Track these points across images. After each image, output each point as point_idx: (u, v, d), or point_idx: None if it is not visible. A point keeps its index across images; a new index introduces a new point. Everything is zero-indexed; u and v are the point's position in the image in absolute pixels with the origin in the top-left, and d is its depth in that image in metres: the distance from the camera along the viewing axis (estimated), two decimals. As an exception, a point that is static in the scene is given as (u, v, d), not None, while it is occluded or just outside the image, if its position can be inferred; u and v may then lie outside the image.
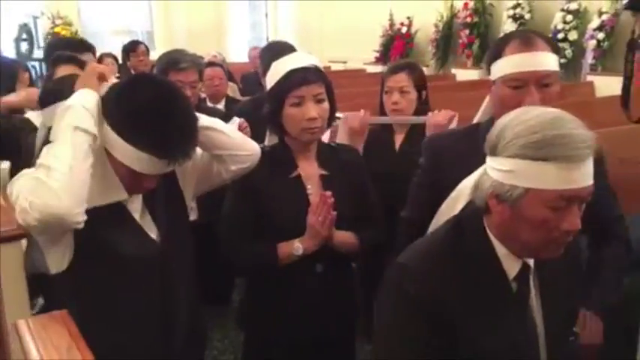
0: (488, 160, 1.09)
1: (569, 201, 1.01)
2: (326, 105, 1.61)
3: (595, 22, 5.10)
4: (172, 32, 10.00)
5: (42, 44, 8.99)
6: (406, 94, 2.27)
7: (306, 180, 1.66)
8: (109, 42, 8.82)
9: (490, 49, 1.55)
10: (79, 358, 0.80)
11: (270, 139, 1.76)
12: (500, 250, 1.10)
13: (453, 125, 2.17)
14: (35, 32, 9.07)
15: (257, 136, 1.71)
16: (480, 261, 1.10)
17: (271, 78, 1.62)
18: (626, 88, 1.68)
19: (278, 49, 2.47)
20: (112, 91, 1.29)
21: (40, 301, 1.48)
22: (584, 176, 1.00)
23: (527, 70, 1.41)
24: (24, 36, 8.88)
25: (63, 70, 2.04)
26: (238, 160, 1.50)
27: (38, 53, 8.72)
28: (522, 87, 1.41)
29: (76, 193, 1.17)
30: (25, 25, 8.92)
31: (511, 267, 1.11)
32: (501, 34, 6.37)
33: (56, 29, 8.82)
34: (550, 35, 5.78)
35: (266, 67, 2.46)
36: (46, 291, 1.42)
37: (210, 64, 3.76)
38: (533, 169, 1.00)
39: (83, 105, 1.25)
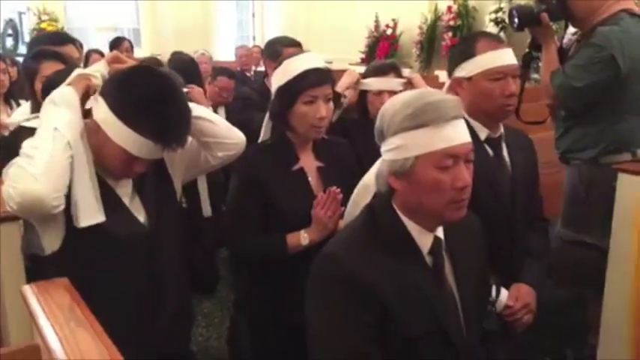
0: (382, 147, 1.22)
1: (455, 158, 1.14)
2: (331, 104, 1.70)
3: (573, 28, 5.24)
4: (159, 30, 9.98)
5: (27, 40, 8.96)
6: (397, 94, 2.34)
7: (307, 172, 1.74)
8: (95, 39, 8.81)
9: (455, 51, 1.70)
10: (80, 315, 0.88)
11: (264, 134, 1.83)
12: (412, 226, 1.21)
13: None
14: (20, 28, 9.02)
15: (248, 129, 1.78)
16: (394, 240, 1.20)
17: (283, 75, 1.67)
18: (518, 98, 1.89)
19: (286, 41, 2.58)
20: (115, 79, 1.38)
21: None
22: (459, 134, 1.15)
23: (508, 64, 1.59)
24: (9, 31, 8.82)
25: (47, 66, 2.05)
26: (225, 147, 1.58)
27: (23, 49, 8.68)
28: (502, 79, 1.57)
29: (55, 178, 1.26)
30: (11, 20, 8.86)
31: (424, 242, 1.22)
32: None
33: (42, 25, 8.75)
34: (529, 40, 5.93)
35: (272, 55, 2.57)
36: (37, 271, 1.49)
37: (224, 71, 3.64)
38: (416, 137, 1.14)
39: (69, 118, 1.34)
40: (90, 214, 1.35)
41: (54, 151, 1.28)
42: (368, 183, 1.38)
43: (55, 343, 0.84)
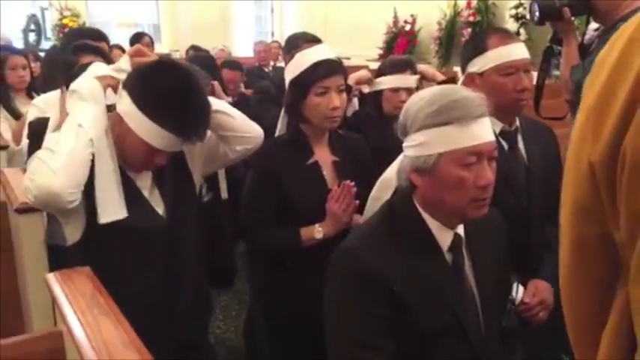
0: (404, 143, 1.21)
1: (478, 156, 1.13)
2: (345, 95, 1.71)
3: (595, 24, 5.17)
4: (178, 25, 10.05)
5: (49, 35, 9.09)
6: (413, 91, 2.32)
7: (322, 166, 1.75)
8: (116, 34, 8.90)
9: (467, 47, 1.69)
10: (102, 302, 0.89)
11: (280, 129, 1.84)
12: (432, 222, 1.20)
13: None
14: (43, 23, 9.15)
15: (261, 123, 1.80)
16: (414, 236, 1.20)
17: (295, 68, 1.69)
18: (538, 93, 1.86)
19: (308, 37, 2.58)
20: (138, 73, 1.41)
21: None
22: (484, 132, 1.14)
23: (520, 58, 1.58)
24: (32, 27, 8.95)
25: (87, 60, 2.10)
26: (243, 141, 1.60)
27: (46, 44, 8.82)
28: (513, 74, 1.56)
29: (73, 174, 1.29)
30: (34, 15, 9.00)
31: (444, 239, 1.21)
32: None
33: (64, 20, 8.88)
34: (550, 35, 5.85)
35: (292, 50, 2.56)
36: (58, 261, 1.52)
37: (228, 64, 3.67)
38: (440, 134, 1.13)
39: (95, 114, 1.37)
40: (112, 210, 1.37)
41: (76, 147, 1.30)
42: (389, 178, 1.38)
43: (78, 329, 0.86)
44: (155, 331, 1.31)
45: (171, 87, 1.36)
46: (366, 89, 2.42)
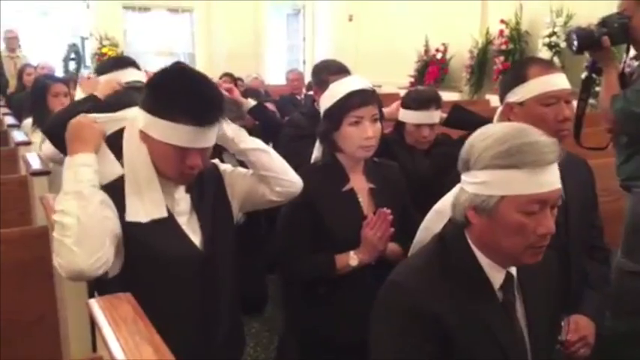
0: (463, 176, 1.17)
1: (542, 204, 1.08)
2: (379, 125, 1.72)
3: (631, 52, 5.09)
4: (213, 54, 10.30)
5: (88, 63, 9.40)
6: (435, 126, 2.34)
7: (358, 193, 1.75)
8: (153, 62, 9.15)
9: (507, 76, 1.68)
10: (143, 328, 0.90)
11: (315, 156, 1.86)
12: (484, 260, 1.16)
13: None
14: (83, 52, 9.48)
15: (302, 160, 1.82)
16: (465, 272, 1.16)
17: (329, 98, 1.72)
18: (578, 123, 1.83)
19: (333, 68, 2.59)
20: (147, 86, 1.45)
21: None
22: (552, 180, 1.08)
23: (562, 88, 1.57)
24: (72, 55, 9.26)
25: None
26: (282, 183, 1.59)
27: (85, 72, 9.11)
28: (555, 104, 1.54)
29: (89, 243, 1.28)
30: (74, 45, 9.32)
31: (496, 277, 1.17)
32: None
33: (103, 49, 9.20)
34: (586, 64, 5.76)
35: (319, 83, 2.58)
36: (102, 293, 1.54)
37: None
38: (505, 176, 1.07)
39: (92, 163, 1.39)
40: (148, 209, 1.41)
41: (81, 209, 1.30)
42: (441, 209, 1.33)
43: (120, 355, 0.86)
44: (192, 361, 1.31)
45: (176, 83, 1.39)
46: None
